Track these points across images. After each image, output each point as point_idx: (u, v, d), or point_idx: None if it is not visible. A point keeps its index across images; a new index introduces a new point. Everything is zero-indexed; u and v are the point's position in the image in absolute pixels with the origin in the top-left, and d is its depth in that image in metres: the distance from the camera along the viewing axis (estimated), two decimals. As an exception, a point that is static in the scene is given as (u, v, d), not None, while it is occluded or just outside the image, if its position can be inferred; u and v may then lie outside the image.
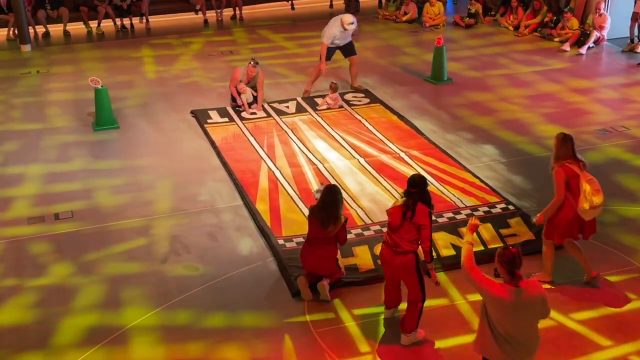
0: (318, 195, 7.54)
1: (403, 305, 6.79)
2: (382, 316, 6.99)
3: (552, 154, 7.18)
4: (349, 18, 12.27)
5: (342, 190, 7.46)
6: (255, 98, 11.89)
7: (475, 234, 5.64)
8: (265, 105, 12.03)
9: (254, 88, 11.92)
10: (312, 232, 7.15)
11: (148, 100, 12.54)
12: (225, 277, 7.66)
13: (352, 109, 11.98)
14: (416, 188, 6.48)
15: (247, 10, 18.03)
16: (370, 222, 8.59)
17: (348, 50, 12.61)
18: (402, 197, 6.59)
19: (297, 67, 14.17)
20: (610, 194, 9.20)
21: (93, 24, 16.84)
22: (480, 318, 5.36)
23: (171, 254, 8.10)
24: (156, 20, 17.35)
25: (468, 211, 8.73)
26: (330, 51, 12.46)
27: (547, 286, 7.26)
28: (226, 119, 11.60)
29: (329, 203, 7.01)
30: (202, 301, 7.28)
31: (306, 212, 8.69)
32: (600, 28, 14.98)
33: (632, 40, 14.94)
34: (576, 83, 13.16)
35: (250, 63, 11.79)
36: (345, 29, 12.19)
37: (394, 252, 6.47)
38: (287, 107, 12.08)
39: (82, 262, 7.96)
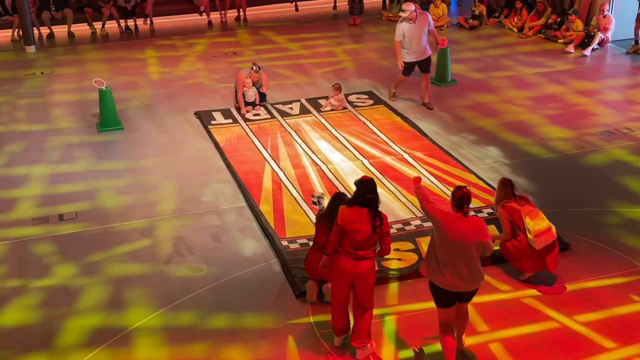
0: (318, 200, 7.50)
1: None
2: (386, 317, 6.99)
3: (495, 198, 7.60)
4: (405, 6, 11.54)
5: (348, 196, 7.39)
6: (256, 99, 11.92)
7: None
8: (269, 107, 12.05)
9: (261, 91, 11.95)
10: (319, 239, 7.07)
11: (152, 102, 12.55)
12: (229, 278, 7.66)
13: (356, 110, 11.98)
14: (373, 193, 6.10)
15: (251, 12, 18.03)
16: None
17: (424, 66, 11.92)
18: (348, 207, 6.14)
19: (301, 68, 14.18)
20: (614, 196, 9.23)
21: (97, 25, 16.86)
22: (429, 245, 6.13)
23: (175, 255, 8.10)
24: (160, 22, 17.36)
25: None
26: (408, 66, 11.85)
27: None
28: (230, 120, 11.61)
29: (336, 210, 6.91)
30: (206, 302, 7.28)
31: (310, 213, 8.70)
32: (605, 29, 14.95)
33: (636, 42, 14.90)
34: (580, 85, 13.15)
35: (252, 69, 11.80)
36: (401, 17, 11.60)
37: (358, 261, 6.19)
38: (291, 108, 12.09)
39: (86, 262, 7.98)
